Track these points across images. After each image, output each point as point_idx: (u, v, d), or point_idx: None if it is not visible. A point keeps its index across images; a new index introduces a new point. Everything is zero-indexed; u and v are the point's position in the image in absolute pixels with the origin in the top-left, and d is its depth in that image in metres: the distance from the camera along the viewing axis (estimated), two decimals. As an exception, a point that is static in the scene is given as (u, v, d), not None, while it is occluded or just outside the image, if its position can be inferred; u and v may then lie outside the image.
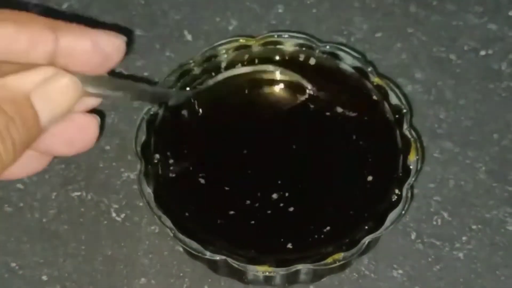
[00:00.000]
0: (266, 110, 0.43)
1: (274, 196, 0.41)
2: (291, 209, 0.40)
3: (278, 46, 0.45)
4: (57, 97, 0.35)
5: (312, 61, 0.44)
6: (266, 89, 0.44)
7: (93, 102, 0.39)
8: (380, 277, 0.42)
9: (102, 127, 0.40)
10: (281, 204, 0.40)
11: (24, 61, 0.36)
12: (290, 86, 0.44)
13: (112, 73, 0.37)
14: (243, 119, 0.43)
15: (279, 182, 0.41)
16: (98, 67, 0.37)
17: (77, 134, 0.38)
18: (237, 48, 0.44)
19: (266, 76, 0.44)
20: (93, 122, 0.38)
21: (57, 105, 0.35)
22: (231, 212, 0.40)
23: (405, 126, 0.42)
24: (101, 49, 0.37)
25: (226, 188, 0.41)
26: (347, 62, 0.44)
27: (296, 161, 0.42)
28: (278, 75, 0.44)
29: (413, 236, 0.43)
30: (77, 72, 0.35)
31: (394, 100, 0.43)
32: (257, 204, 0.40)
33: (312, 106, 0.43)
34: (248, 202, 0.40)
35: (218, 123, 0.43)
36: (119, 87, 0.38)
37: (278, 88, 0.44)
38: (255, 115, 0.43)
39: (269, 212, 0.40)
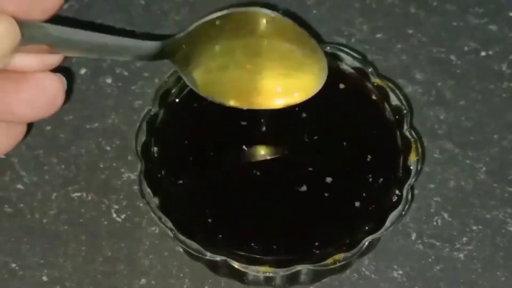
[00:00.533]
0: (266, 111, 0.43)
1: (274, 196, 0.41)
2: (292, 209, 0.40)
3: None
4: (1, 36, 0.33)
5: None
6: None
7: (51, 59, 0.37)
8: (380, 277, 0.42)
9: (69, 90, 0.38)
10: (282, 205, 0.40)
11: None
12: None
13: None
14: (242, 119, 0.43)
15: (279, 182, 0.41)
16: (39, 10, 0.36)
17: (37, 94, 0.36)
18: (237, 49, 0.44)
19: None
20: (55, 81, 0.37)
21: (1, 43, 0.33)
22: (232, 213, 0.40)
23: (405, 127, 0.42)
24: None
25: (227, 189, 0.41)
26: (347, 63, 0.44)
27: (296, 162, 0.42)
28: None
29: (413, 237, 0.43)
30: (18, 18, 0.33)
31: (394, 100, 0.43)
32: (257, 205, 0.40)
33: (312, 106, 0.43)
34: (248, 202, 0.40)
35: (218, 123, 0.43)
36: (71, 37, 0.35)
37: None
38: (254, 114, 0.43)
39: (269, 212, 0.40)
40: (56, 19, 0.50)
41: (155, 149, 0.42)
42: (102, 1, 0.51)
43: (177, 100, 0.43)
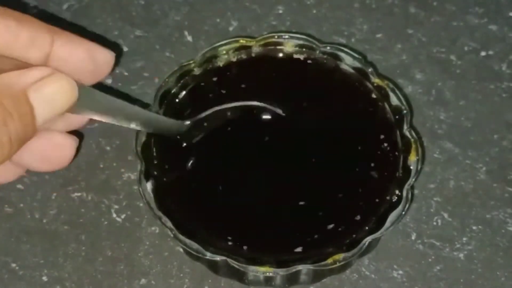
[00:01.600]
0: (265, 110, 0.43)
1: (274, 197, 0.41)
2: (292, 210, 0.40)
3: (279, 47, 0.45)
4: (54, 96, 0.35)
5: (312, 62, 0.45)
6: None
7: (76, 122, 0.40)
8: (380, 277, 0.42)
9: (78, 148, 0.41)
10: (282, 205, 0.40)
11: (22, 58, 0.36)
12: None
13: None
14: (243, 119, 0.43)
15: (279, 183, 0.41)
16: (88, 76, 0.38)
17: (53, 152, 0.39)
18: (237, 49, 0.44)
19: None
20: (71, 142, 0.40)
21: (54, 104, 0.35)
22: (232, 213, 0.40)
23: (405, 127, 0.42)
24: (94, 58, 0.38)
25: (227, 189, 0.41)
26: (348, 63, 0.44)
27: (296, 162, 0.42)
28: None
29: (413, 237, 0.43)
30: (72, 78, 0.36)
31: (394, 100, 0.43)
32: (257, 205, 0.40)
33: (312, 106, 0.43)
34: (248, 203, 0.40)
35: (220, 123, 0.43)
36: (111, 105, 0.38)
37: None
38: (255, 114, 0.43)
39: (269, 213, 0.40)
40: (56, 17, 0.50)
41: (155, 149, 0.42)
42: (102, 1, 0.51)
43: (177, 100, 0.43)
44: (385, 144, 0.42)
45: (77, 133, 0.42)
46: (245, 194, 0.41)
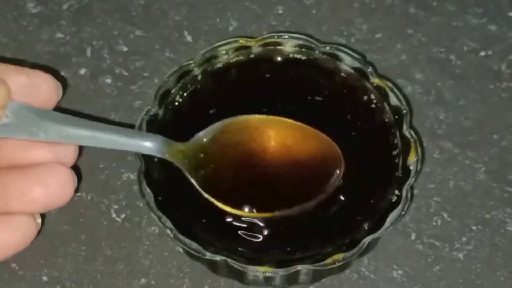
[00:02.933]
0: (266, 111, 0.43)
1: (274, 197, 0.41)
2: (291, 210, 0.40)
3: (278, 47, 0.45)
4: None
5: (312, 62, 0.45)
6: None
7: (66, 156, 0.39)
8: (380, 277, 0.42)
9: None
10: (281, 205, 0.40)
11: None
12: None
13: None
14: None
15: (279, 183, 0.41)
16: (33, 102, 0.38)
17: (50, 184, 0.38)
18: (237, 49, 0.44)
19: None
20: (64, 171, 0.38)
21: None
22: (231, 213, 0.40)
23: (405, 127, 0.42)
24: (35, 84, 0.38)
25: (226, 189, 0.41)
26: (347, 63, 0.44)
27: (296, 161, 0.42)
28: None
29: (413, 237, 0.43)
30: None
31: (394, 100, 0.43)
32: (257, 205, 0.40)
33: (312, 107, 0.43)
34: (248, 202, 0.40)
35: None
36: (72, 132, 0.37)
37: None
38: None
39: (269, 213, 0.40)
40: (56, 17, 0.50)
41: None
42: (102, 1, 0.51)
43: (177, 100, 0.43)
44: (385, 144, 0.42)
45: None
46: (245, 194, 0.41)
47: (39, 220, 0.38)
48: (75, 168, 0.39)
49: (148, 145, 0.39)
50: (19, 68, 0.39)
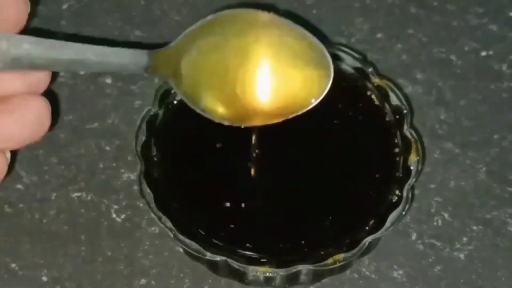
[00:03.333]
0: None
1: (275, 196, 0.41)
2: (292, 210, 0.40)
3: (279, 47, 0.45)
4: None
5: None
6: None
7: (36, 80, 0.35)
8: (380, 277, 0.42)
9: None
10: (282, 205, 0.40)
11: None
12: None
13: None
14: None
15: (280, 182, 0.41)
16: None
17: (23, 114, 0.35)
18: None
19: None
20: (39, 101, 0.35)
21: None
22: (231, 213, 0.40)
23: (405, 127, 0.42)
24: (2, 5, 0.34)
25: (227, 189, 0.41)
26: (348, 63, 0.44)
27: (296, 162, 0.42)
28: None
29: (413, 237, 0.43)
30: None
31: (394, 100, 0.43)
32: (257, 205, 0.40)
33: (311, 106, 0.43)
34: (248, 202, 0.40)
35: (218, 123, 0.43)
36: (46, 51, 0.33)
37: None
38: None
39: (269, 213, 0.40)
40: (56, 17, 0.50)
41: (155, 149, 0.42)
42: (102, 1, 0.51)
43: (177, 100, 0.43)
44: (386, 144, 0.42)
45: (78, 134, 0.41)
46: (245, 194, 0.41)
47: (9, 156, 0.36)
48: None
49: (125, 59, 0.35)
50: None
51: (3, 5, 0.35)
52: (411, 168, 0.41)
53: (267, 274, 0.38)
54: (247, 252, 0.39)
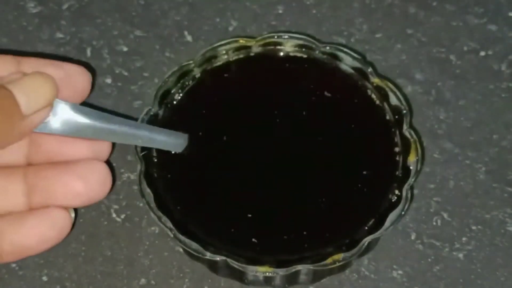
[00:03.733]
0: (266, 111, 0.43)
1: (274, 196, 0.41)
2: (291, 209, 0.40)
3: (278, 47, 0.45)
4: (37, 87, 0.35)
5: (312, 62, 0.45)
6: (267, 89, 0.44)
7: (101, 149, 0.39)
8: (380, 277, 0.42)
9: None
10: (282, 205, 0.40)
11: None
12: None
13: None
14: (243, 121, 0.43)
15: (279, 182, 0.41)
16: (67, 95, 0.38)
17: (84, 181, 0.38)
18: (237, 49, 0.44)
19: None
20: (102, 166, 0.39)
21: (37, 95, 0.35)
22: (231, 213, 0.40)
23: (405, 127, 0.42)
24: (69, 75, 0.38)
25: (227, 189, 0.41)
26: (347, 63, 0.44)
27: (296, 162, 0.42)
28: None
29: (413, 237, 0.43)
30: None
31: (394, 100, 0.43)
32: (257, 205, 0.40)
33: (311, 106, 0.43)
34: (248, 202, 0.40)
35: (219, 124, 0.43)
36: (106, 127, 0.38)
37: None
38: (255, 116, 0.43)
39: (269, 212, 0.40)
40: (56, 17, 0.50)
41: (155, 149, 0.42)
42: (102, 1, 0.51)
43: (177, 100, 0.43)
44: (385, 144, 0.42)
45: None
46: (245, 194, 0.41)
47: (73, 215, 0.39)
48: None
49: (174, 141, 0.41)
50: (54, 61, 0.39)
51: (73, 75, 0.39)
52: (411, 168, 0.41)
53: (267, 274, 0.38)
54: (247, 252, 0.39)
